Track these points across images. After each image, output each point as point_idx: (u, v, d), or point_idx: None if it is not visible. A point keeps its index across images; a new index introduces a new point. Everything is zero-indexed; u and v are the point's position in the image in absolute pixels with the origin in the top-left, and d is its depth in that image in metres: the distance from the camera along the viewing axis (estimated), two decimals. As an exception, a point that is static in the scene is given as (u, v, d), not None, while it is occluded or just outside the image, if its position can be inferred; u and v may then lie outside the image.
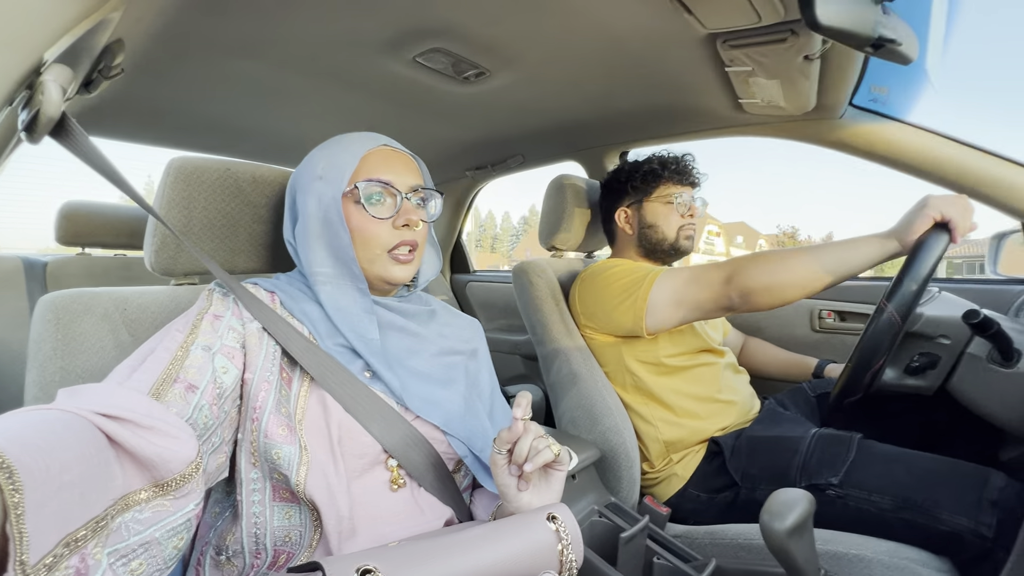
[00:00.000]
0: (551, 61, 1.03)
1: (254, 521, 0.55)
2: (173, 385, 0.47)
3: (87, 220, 1.71)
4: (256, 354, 0.57)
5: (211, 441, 0.49)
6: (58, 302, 0.61)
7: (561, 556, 0.49)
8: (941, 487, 0.81)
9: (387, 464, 0.60)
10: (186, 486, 0.39)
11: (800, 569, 0.63)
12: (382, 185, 0.63)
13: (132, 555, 0.35)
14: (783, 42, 0.81)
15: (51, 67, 0.49)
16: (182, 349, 0.51)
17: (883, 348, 0.80)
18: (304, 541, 0.56)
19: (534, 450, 0.53)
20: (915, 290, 0.77)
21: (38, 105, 0.48)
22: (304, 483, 0.53)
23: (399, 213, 0.64)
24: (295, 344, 0.58)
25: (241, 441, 0.55)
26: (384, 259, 0.64)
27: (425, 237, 0.69)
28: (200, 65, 1.02)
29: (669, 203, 1.17)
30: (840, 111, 1.09)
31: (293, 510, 0.56)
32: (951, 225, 0.79)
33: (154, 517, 0.37)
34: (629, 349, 1.09)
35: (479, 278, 2.21)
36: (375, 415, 0.59)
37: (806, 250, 0.89)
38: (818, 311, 1.40)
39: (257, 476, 0.55)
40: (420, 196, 0.67)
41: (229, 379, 0.53)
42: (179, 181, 0.66)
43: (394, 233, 0.64)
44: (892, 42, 0.64)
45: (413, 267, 0.66)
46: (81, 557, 0.30)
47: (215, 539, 0.57)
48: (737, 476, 0.98)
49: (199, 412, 0.48)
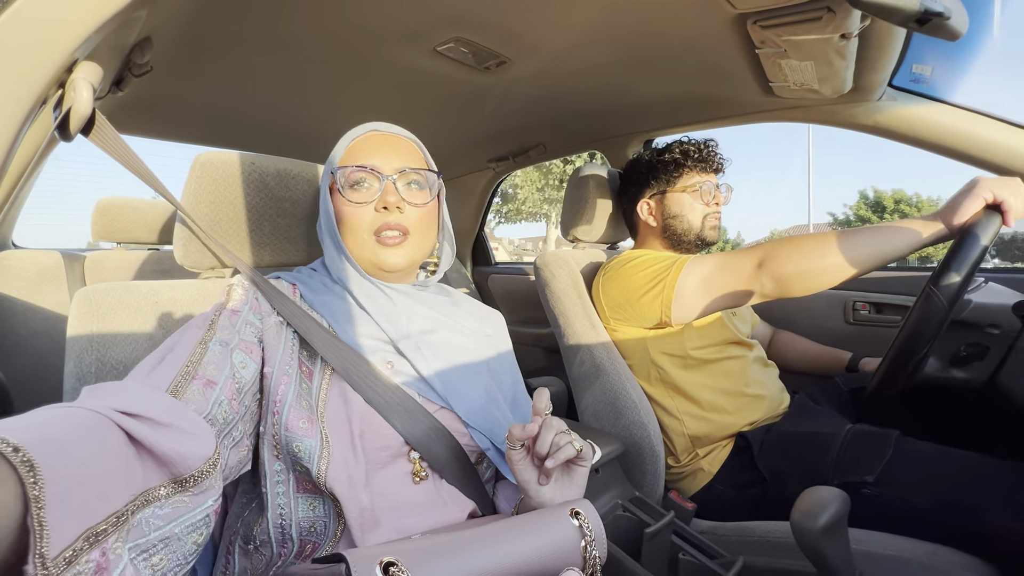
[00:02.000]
0: (573, 47, 1.01)
1: (279, 512, 0.55)
2: (192, 382, 0.48)
3: (122, 216, 1.77)
4: (275, 348, 0.57)
5: (232, 436, 0.50)
6: (94, 296, 0.63)
7: (585, 553, 0.48)
8: (987, 488, 0.77)
9: (409, 456, 0.60)
10: (204, 482, 0.40)
11: (833, 569, 0.61)
12: (365, 170, 0.63)
13: (153, 550, 0.36)
14: (818, 20, 0.77)
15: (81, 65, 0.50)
16: (201, 346, 0.52)
17: (928, 335, 0.76)
18: (329, 531, 0.56)
19: (555, 446, 0.52)
20: (964, 274, 0.73)
21: (70, 103, 0.49)
22: (325, 475, 0.53)
23: (380, 196, 0.63)
24: (317, 337, 0.59)
25: (263, 434, 0.56)
26: (372, 243, 0.64)
27: (420, 221, 0.66)
28: (224, 61, 1.03)
29: (694, 191, 1.14)
30: (878, 93, 1.03)
31: (317, 501, 0.57)
32: (1004, 207, 0.75)
33: (174, 513, 0.38)
34: (654, 341, 1.07)
35: (501, 270, 2.20)
36: (397, 408, 0.59)
37: (843, 233, 0.84)
38: (852, 302, 1.35)
39: (280, 468, 0.56)
40: (412, 179, 0.66)
41: (248, 374, 0.54)
42: (205, 176, 0.68)
43: (376, 216, 0.63)
44: (939, 16, 0.60)
45: (405, 252, 0.65)
46: (102, 551, 0.30)
47: (243, 529, 0.58)
48: (766, 472, 0.95)
49: (218, 408, 0.48)
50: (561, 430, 0.53)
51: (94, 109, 0.51)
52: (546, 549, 0.46)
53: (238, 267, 0.63)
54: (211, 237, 0.67)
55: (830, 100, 1.08)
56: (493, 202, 2.23)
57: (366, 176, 0.64)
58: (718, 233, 1.17)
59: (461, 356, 0.68)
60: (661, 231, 1.18)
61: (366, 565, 0.38)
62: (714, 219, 1.15)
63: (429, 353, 0.65)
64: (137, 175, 0.59)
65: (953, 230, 0.78)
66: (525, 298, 2.03)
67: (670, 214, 1.16)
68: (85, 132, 0.53)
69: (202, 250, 0.70)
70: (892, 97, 1.05)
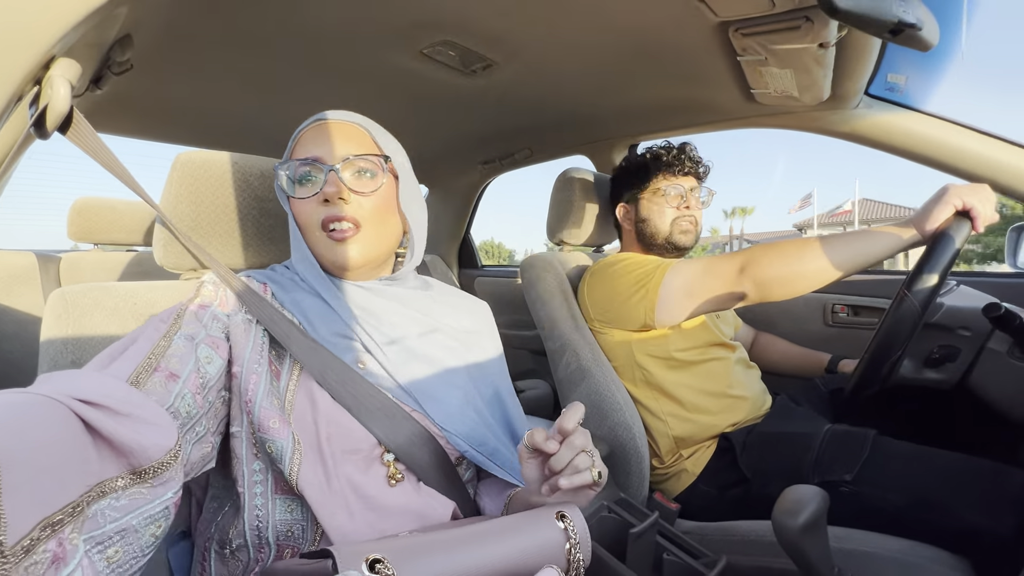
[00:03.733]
0: (559, 52, 1.02)
1: (256, 514, 0.54)
2: (154, 374, 0.46)
3: (99, 216, 1.73)
4: (243, 345, 0.56)
5: (195, 431, 0.49)
6: (69, 297, 0.61)
7: (569, 555, 0.48)
8: (959, 485, 0.80)
9: (383, 459, 0.59)
10: (164, 474, 0.39)
11: (814, 567, 0.62)
12: (308, 163, 0.60)
13: (108, 542, 0.35)
14: (797, 30, 0.79)
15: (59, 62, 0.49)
16: (164, 339, 0.50)
17: (902, 338, 0.79)
18: (307, 536, 0.55)
19: (573, 468, 0.49)
20: (936, 278, 0.76)
21: (47, 100, 0.48)
22: (297, 476, 0.52)
23: (322, 188, 0.60)
24: (295, 341, 0.57)
25: (240, 432, 0.55)
26: (324, 240, 0.61)
27: (372, 211, 0.62)
28: (207, 60, 1.02)
29: (663, 196, 1.15)
30: (855, 101, 1.06)
31: (295, 503, 0.56)
32: (972, 213, 0.78)
33: (131, 504, 0.37)
34: (639, 343, 1.08)
35: (487, 273, 2.20)
36: (377, 413, 0.58)
37: (822, 239, 0.87)
38: (831, 305, 1.38)
39: (259, 468, 0.55)
40: (358, 166, 0.61)
41: (213, 369, 0.53)
42: (186, 176, 0.67)
43: (321, 209, 0.60)
44: (912, 27, 0.62)
45: (359, 247, 0.61)
46: (58, 541, 0.30)
47: (217, 533, 0.57)
48: (749, 472, 0.97)
49: (181, 401, 0.47)
50: (584, 449, 0.50)
51: (72, 107, 0.50)
52: (531, 550, 0.46)
53: (213, 267, 0.61)
54: (188, 237, 0.65)
55: (809, 107, 1.11)
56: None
57: (310, 169, 0.61)
58: (692, 237, 1.17)
59: (435, 355, 0.66)
60: (636, 235, 1.21)
61: (352, 561, 0.38)
62: (685, 223, 1.15)
63: (400, 353, 0.63)
64: (115, 175, 0.58)
65: (926, 236, 0.81)
66: (512, 301, 2.03)
67: (640, 218, 1.18)
68: (62, 130, 0.52)
69: (183, 251, 0.69)
70: (868, 105, 1.08)
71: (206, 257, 0.62)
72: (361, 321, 0.63)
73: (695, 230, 1.17)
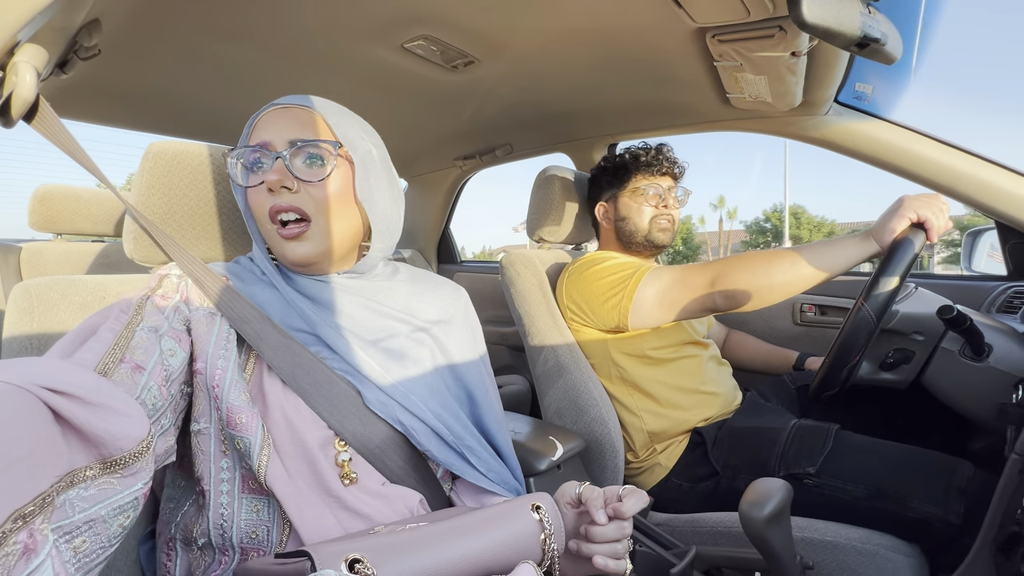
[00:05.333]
0: (540, 51, 1.03)
1: (221, 512, 0.53)
2: (120, 365, 0.45)
3: (63, 205, 1.67)
4: (205, 339, 0.55)
5: (160, 423, 0.48)
6: (34, 290, 0.59)
7: (544, 546, 0.50)
8: (912, 476, 0.84)
9: (337, 460, 0.57)
10: (135, 465, 0.38)
11: (777, 555, 0.65)
12: (256, 149, 0.57)
13: (76, 532, 0.35)
14: (771, 38, 0.82)
15: (24, 47, 0.47)
16: (127, 330, 0.49)
17: (859, 345, 0.82)
18: (272, 539, 0.54)
19: (613, 551, 0.50)
20: (890, 290, 0.79)
21: (11, 87, 0.46)
22: (265, 470, 0.52)
23: (265, 176, 0.56)
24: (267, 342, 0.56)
25: (208, 429, 0.54)
26: (276, 236, 0.58)
27: (323, 202, 0.57)
28: (180, 47, 0.99)
29: (641, 195, 1.18)
30: (825, 108, 1.10)
31: (262, 504, 0.55)
32: (927, 225, 0.81)
33: (100, 495, 0.36)
34: (615, 342, 1.10)
35: (466, 268, 2.20)
36: (338, 405, 0.57)
37: (789, 252, 0.90)
38: (799, 305, 1.43)
39: (227, 465, 0.54)
40: (307, 152, 0.57)
41: (176, 362, 0.52)
42: (159, 167, 0.65)
43: (268, 198, 0.56)
44: (876, 41, 0.65)
45: (310, 244, 0.58)
46: (29, 532, 0.30)
47: (179, 532, 0.56)
48: (719, 466, 1.00)
49: (147, 393, 0.46)
50: (625, 535, 0.52)
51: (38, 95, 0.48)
52: (508, 542, 0.47)
53: (176, 257, 0.59)
54: (156, 227, 0.63)
55: (782, 113, 1.14)
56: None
57: (259, 155, 0.57)
58: (669, 236, 1.19)
59: (396, 347, 0.64)
60: (615, 234, 1.23)
61: (331, 561, 0.38)
62: (663, 221, 1.18)
63: (359, 349, 0.61)
64: (83, 165, 0.56)
65: (884, 247, 0.84)
66: (491, 297, 2.03)
67: (619, 216, 1.21)
68: (27, 118, 0.50)
69: (154, 243, 0.67)
70: (838, 112, 1.12)
71: (171, 247, 0.60)
72: (317, 315, 0.60)
73: (672, 228, 1.20)
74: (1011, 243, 1.17)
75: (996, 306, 1.15)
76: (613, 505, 0.52)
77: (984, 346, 0.84)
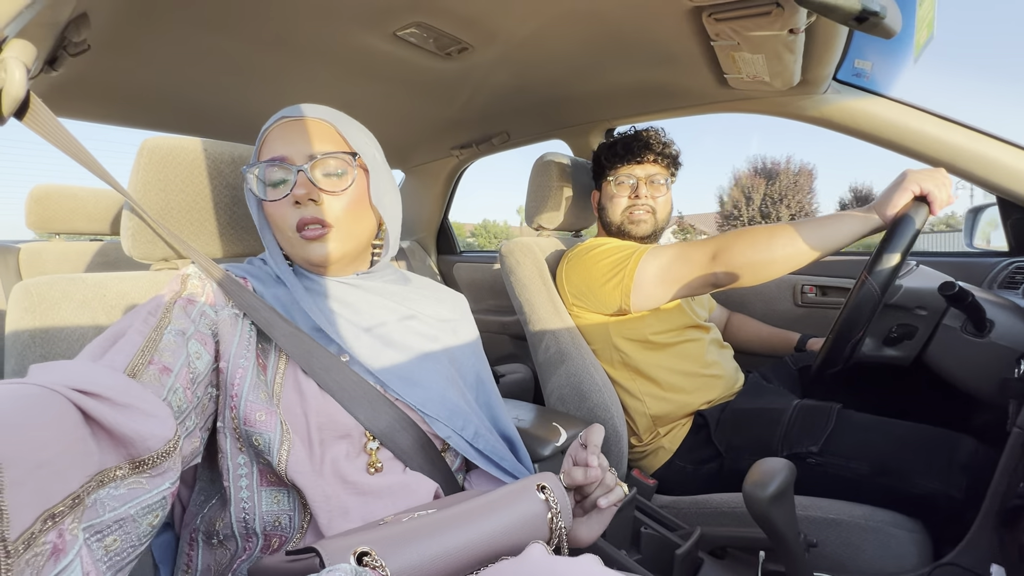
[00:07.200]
0: (534, 35, 1.01)
1: (242, 507, 0.55)
2: (148, 367, 0.46)
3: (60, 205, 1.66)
4: (229, 341, 0.56)
5: (185, 425, 0.49)
6: (35, 289, 0.59)
7: (551, 524, 0.50)
8: (914, 453, 0.84)
9: (367, 448, 0.60)
10: (163, 464, 0.39)
11: (781, 534, 0.66)
12: (275, 164, 0.59)
13: (107, 531, 0.36)
14: (768, 15, 0.81)
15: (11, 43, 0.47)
16: (156, 332, 0.50)
17: (863, 320, 0.82)
18: (295, 524, 0.56)
19: (605, 487, 0.56)
20: (894, 263, 0.79)
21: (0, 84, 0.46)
22: (286, 464, 0.53)
23: (293, 191, 0.59)
24: (278, 329, 0.58)
25: (224, 428, 0.55)
26: (297, 240, 0.61)
27: (343, 211, 0.61)
28: (172, 41, 0.98)
29: (620, 184, 1.16)
30: (824, 86, 1.09)
31: (281, 494, 0.56)
32: (929, 198, 0.81)
33: (129, 494, 0.37)
34: (616, 327, 1.10)
35: (466, 258, 2.20)
36: (360, 399, 0.59)
37: (791, 226, 0.89)
38: (800, 286, 1.43)
39: (244, 461, 0.56)
40: (327, 165, 0.60)
41: (202, 365, 0.53)
42: (154, 163, 0.64)
43: (294, 211, 0.59)
44: (876, 15, 0.64)
45: (330, 244, 0.61)
46: (59, 532, 0.30)
47: (204, 525, 0.57)
48: (722, 447, 1.00)
49: (173, 395, 0.47)
50: (608, 468, 0.58)
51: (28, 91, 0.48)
52: (515, 524, 0.48)
53: (195, 258, 0.60)
54: (164, 227, 0.64)
55: (780, 92, 1.13)
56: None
57: (278, 170, 0.59)
58: (647, 227, 1.15)
59: (415, 344, 0.67)
60: (602, 223, 1.23)
61: (340, 555, 0.38)
62: (638, 212, 1.14)
63: (379, 341, 0.64)
64: (79, 161, 0.56)
65: (887, 221, 0.84)
66: (491, 286, 2.03)
67: (601, 205, 1.21)
68: (19, 115, 0.50)
69: (153, 240, 0.67)
70: (837, 90, 1.11)
71: (185, 248, 0.61)
72: (339, 313, 0.63)
73: (651, 219, 1.15)
74: (1012, 219, 1.17)
75: (998, 282, 1.15)
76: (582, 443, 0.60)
77: (986, 322, 0.84)
